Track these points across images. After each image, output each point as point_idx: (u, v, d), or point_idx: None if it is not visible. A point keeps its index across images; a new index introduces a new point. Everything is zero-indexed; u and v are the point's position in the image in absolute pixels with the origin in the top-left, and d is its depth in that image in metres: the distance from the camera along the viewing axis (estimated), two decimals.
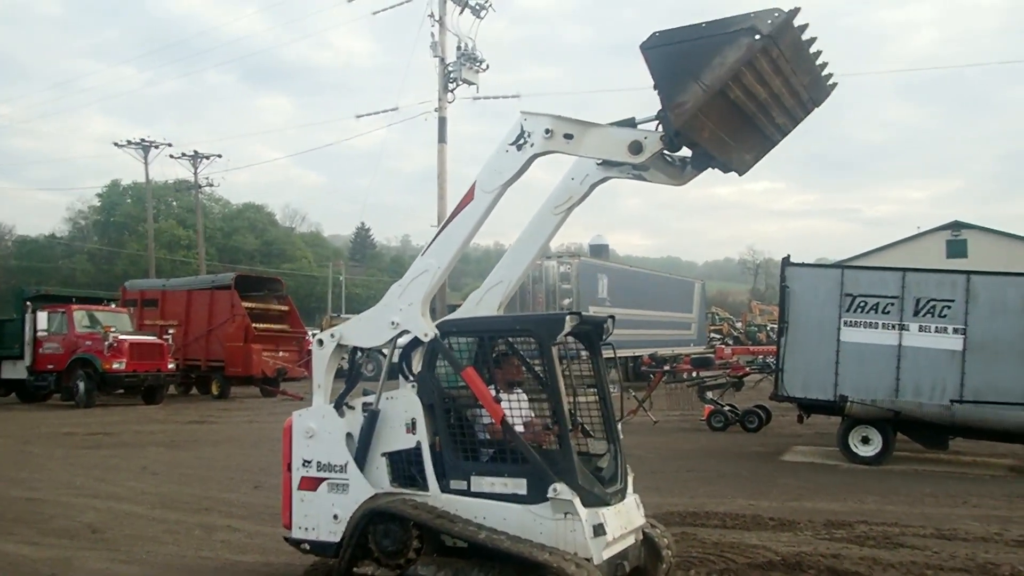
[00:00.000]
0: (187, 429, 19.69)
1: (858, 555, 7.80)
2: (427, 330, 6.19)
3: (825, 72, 6.07)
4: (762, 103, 5.73)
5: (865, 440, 13.62)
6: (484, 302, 7.02)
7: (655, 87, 5.62)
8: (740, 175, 6.19)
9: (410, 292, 6.29)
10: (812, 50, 5.80)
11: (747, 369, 20.59)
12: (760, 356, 23.28)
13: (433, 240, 6.34)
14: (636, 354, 29.57)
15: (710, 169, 6.15)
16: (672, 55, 5.50)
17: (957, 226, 50.12)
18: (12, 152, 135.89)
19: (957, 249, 48.24)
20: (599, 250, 40.34)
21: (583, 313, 6.26)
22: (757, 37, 5.29)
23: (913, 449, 14.30)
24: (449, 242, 6.23)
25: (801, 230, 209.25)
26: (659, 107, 5.66)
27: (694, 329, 40.49)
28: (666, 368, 21.92)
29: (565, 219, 6.77)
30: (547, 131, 5.87)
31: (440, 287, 6.75)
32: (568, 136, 5.87)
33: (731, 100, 5.49)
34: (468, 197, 6.15)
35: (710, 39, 5.40)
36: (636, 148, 5.66)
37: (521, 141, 5.96)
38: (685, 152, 5.94)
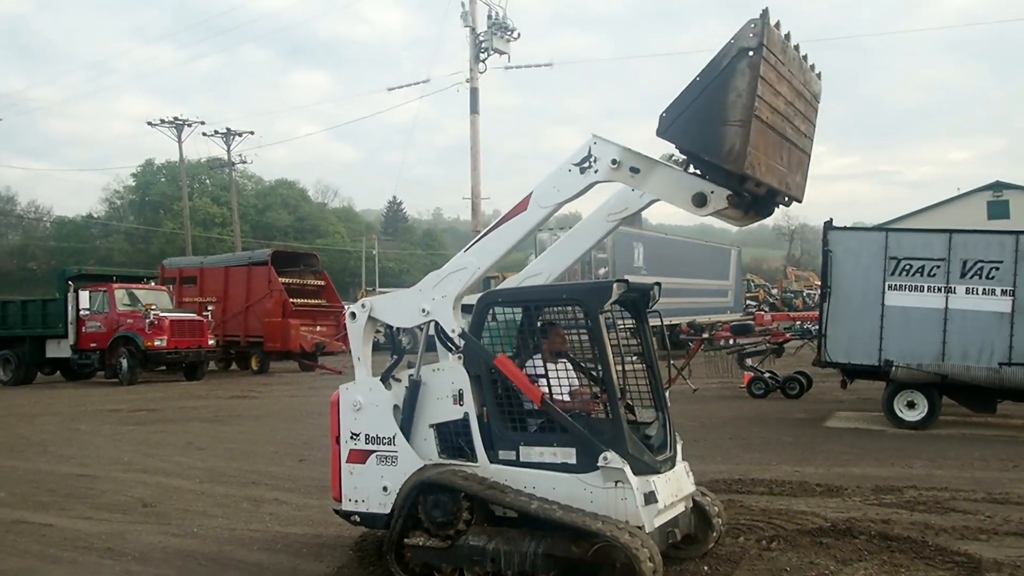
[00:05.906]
0: (229, 404, 19.95)
1: (909, 520, 7.73)
2: (455, 327, 6.20)
3: (810, 63, 5.98)
4: (784, 114, 5.64)
5: (911, 404, 13.45)
6: None
7: (693, 162, 5.59)
8: (800, 201, 6.12)
9: (446, 284, 6.27)
10: (792, 45, 5.68)
11: (787, 335, 20.34)
12: (800, 322, 22.92)
13: (479, 239, 6.30)
14: (674, 322, 29.42)
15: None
16: (691, 121, 5.40)
17: (999, 186, 48.85)
18: (50, 134, 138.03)
19: (999, 210, 47.14)
20: (632, 218, 39.86)
21: (629, 280, 6.20)
22: (751, 54, 5.18)
23: (959, 413, 14.09)
24: (494, 246, 6.19)
25: (838, 194, 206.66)
26: (705, 175, 5.56)
27: (731, 296, 40.21)
28: (704, 336, 21.72)
29: (616, 228, 6.82)
30: (614, 161, 5.72)
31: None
32: (635, 170, 5.72)
33: (764, 122, 5.36)
34: (521, 206, 6.05)
35: (714, 84, 5.30)
36: (700, 200, 5.54)
37: (586, 164, 5.82)
38: None
